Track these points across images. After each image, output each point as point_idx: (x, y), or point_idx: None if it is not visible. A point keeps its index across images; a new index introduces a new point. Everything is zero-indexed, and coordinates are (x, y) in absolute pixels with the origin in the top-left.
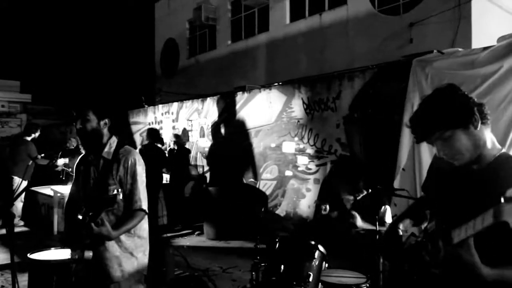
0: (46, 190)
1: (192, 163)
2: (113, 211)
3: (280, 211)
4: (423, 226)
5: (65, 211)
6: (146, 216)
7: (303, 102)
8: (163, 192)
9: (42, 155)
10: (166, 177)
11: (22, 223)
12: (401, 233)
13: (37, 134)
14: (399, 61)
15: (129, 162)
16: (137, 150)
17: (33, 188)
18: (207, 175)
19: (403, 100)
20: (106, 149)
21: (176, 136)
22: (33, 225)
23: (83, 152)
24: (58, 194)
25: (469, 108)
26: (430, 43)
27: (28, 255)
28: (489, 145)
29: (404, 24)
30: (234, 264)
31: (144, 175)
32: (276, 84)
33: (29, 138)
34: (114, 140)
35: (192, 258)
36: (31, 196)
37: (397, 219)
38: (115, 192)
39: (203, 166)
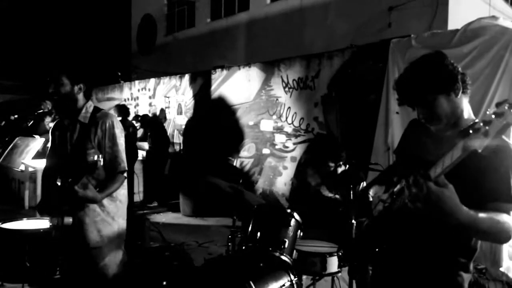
0: (17, 164)
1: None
2: (93, 175)
3: (257, 189)
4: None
5: (42, 177)
6: (125, 181)
7: (282, 81)
8: (142, 168)
9: (16, 116)
10: (141, 154)
11: None
12: (371, 199)
13: None
14: (378, 42)
15: (107, 125)
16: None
17: (2, 163)
18: (184, 152)
19: (381, 79)
20: (82, 113)
21: (141, 116)
22: (2, 200)
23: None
24: (30, 169)
25: (454, 76)
26: (408, 28)
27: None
28: (465, 114)
29: (383, 8)
30: (210, 239)
31: (122, 138)
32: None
33: None
34: (90, 105)
35: (168, 233)
36: (0, 170)
37: (367, 186)
38: (95, 158)
39: (180, 144)
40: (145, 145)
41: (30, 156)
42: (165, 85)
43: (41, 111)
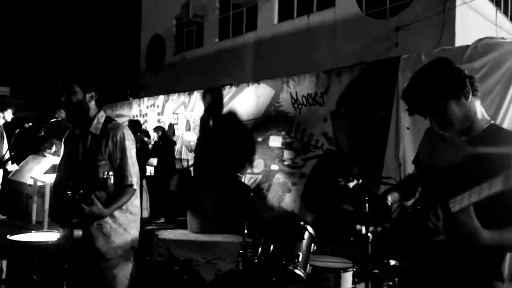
0: (26, 178)
1: (177, 156)
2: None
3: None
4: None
5: (54, 186)
6: (138, 192)
7: (291, 97)
8: (147, 185)
9: (30, 124)
10: (149, 170)
11: None
12: (389, 204)
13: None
14: (387, 59)
15: (118, 137)
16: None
17: (12, 177)
18: (192, 169)
19: (390, 96)
20: (94, 124)
21: (159, 128)
22: (10, 214)
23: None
24: (39, 183)
25: (461, 80)
26: (415, 47)
27: (8, 236)
28: (479, 116)
29: (390, 28)
30: (218, 256)
31: (133, 150)
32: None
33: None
34: (102, 115)
35: (175, 250)
36: (9, 185)
37: (386, 191)
38: (105, 175)
39: (187, 160)
40: (154, 161)
41: (40, 171)
42: (173, 102)
43: (55, 119)
